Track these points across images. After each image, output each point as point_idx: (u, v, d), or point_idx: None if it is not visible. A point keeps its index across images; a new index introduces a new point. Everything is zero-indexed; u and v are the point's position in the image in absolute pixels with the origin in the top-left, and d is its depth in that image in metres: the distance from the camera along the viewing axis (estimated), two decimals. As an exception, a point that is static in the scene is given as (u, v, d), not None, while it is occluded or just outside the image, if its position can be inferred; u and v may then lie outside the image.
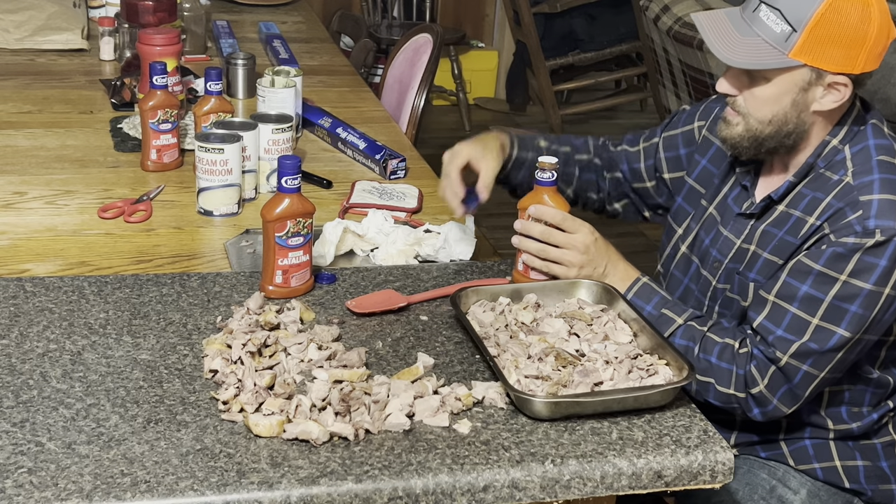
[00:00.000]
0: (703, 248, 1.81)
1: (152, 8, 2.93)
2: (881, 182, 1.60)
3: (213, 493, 1.25)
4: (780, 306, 1.62)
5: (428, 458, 1.33)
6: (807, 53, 1.57)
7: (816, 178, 1.67)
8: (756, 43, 1.59)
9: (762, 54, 1.58)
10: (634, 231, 4.42)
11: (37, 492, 1.22)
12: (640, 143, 1.98)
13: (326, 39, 3.62)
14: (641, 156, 1.97)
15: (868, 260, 1.56)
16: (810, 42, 1.56)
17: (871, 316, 1.58)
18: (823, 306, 1.59)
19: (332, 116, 2.56)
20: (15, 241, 1.94)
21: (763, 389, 1.63)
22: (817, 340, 1.60)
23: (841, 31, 1.56)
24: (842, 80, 1.59)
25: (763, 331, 1.63)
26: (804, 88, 1.61)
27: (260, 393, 1.40)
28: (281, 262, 1.69)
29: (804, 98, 1.62)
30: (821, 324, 1.59)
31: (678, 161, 1.92)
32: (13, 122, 2.55)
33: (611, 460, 1.35)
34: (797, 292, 1.60)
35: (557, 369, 1.49)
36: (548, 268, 1.73)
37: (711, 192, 1.83)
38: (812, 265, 1.59)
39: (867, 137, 1.66)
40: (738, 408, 1.67)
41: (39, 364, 1.48)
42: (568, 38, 5.65)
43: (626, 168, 1.98)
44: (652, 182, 1.97)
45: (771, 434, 1.80)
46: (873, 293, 1.57)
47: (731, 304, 1.76)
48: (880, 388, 1.76)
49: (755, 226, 1.73)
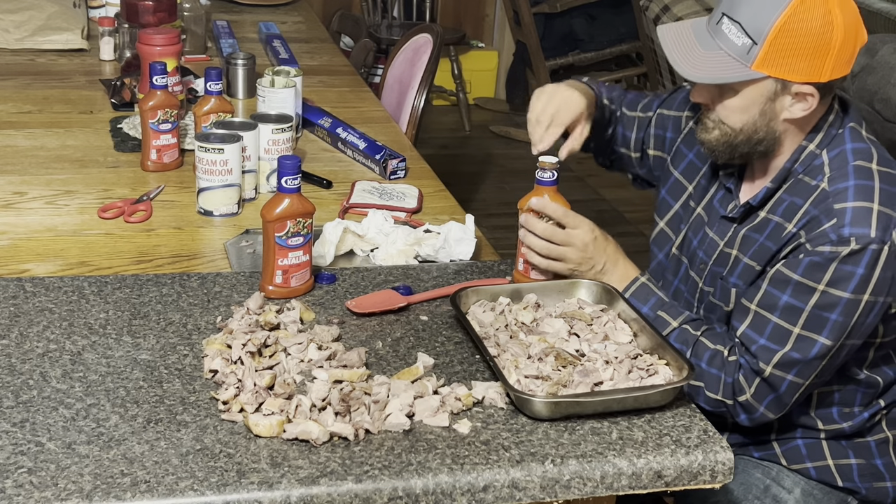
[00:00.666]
0: (692, 250, 1.82)
1: (152, 8, 2.93)
2: (856, 189, 1.59)
3: (213, 493, 1.25)
4: (761, 315, 1.63)
5: (428, 458, 1.33)
6: (769, 65, 1.57)
7: (795, 183, 1.67)
8: (719, 57, 1.59)
9: (725, 68, 1.59)
10: (634, 231, 4.42)
11: (37, 492, 1.22)
12: (637, 110, 1.98)
13: (326, 39, 3.63)
14: (634, 125, 1.98)
15: (845, 269, 1.56)
16: (772, 54, 1.56)
17: (852, 322, 1.59)
18: (804, 316, 1.59)
19: (332, 116, 2.56)
20: (15, 241, 1.94)
21: (749, 398, 1.64)
22: (800, 350, 1.60)
23: (802, 42, 1.55)
24: (808, 90, 1.59)
25: (746, 340, 1.64)
26: (771, 98, 1.61)
27: (260, 393, 1.40)
28: (281, 262, 1.69)
29: (772, 108, 1.62)
30: (802, 333, 1.60)
31: (663, 142, 1.94)
32: (13, 122, 2.55)
33: (611, 460, 1.35)
34: (778, 302, 1.61)
35: (557, 369, 1.49)
36: (549, 265, 1.73)
37: (699, 192, 1.84)
38: (790, 275, 1.60)
39: (844, 141, 1.66)
40: (726, 412, 1.68)
41: (39, 364, 1.48)
42: (568, 38, 5.66)
43: (620, 130, 2.00)
44: (637, 154, 1.99)
45: (763, 434, 1.80)
46: (852, 301, 1.57)
47: (715, 308, 1.77)
48: (870, 388, 1.76)
49: (737, 229, 1.73)
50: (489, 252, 2.00)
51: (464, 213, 2.09)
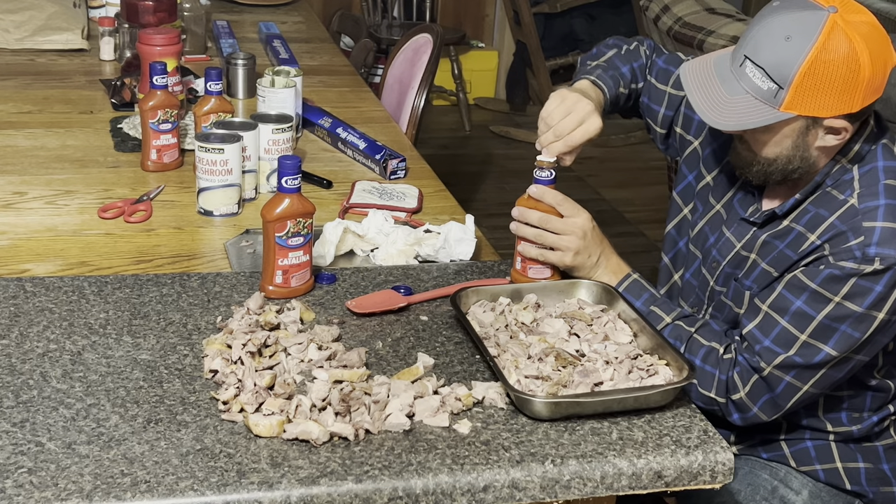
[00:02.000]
0: (707, 246, 1.81)
1: (152, 8, 2.93)
2: (886, 208, 1.58)
3: (213, 493, 1.25)
4: (771, 317, 1.62)
5: (428, 459, 1.33)
6: (798, 106, 1.55)
7: (823, 195, 1.65)
8: (745, 101, 1.57)
9: (752, 112, 1.56)
10: (634, 231, 4.43)
11: (37, 492, 1.22)
12: (668, 85, 1.91)
13: (326, 39, 3.63)
14: (665, 100, 1.92)
15: (864, 284, 1.55)
16: (799, 96, 1.54)
17: (862, 338, 1.58)
18: (814, 324, 1.59)
19: (332, 116, 2.56)
20: (15, 241, 1.94)
21: (743, 396, 1.64)
22: (803, 355, 1.60)
23: (830, 81, 1.52)
24: (840, 124, 1.57)
25: (751, 339, 1.64)
26: (802, 133, 1.59)
27: (260, 393, 1.40)
28: (281, 262, 1.69)
29: (804, 140, 1.60)
30: (809, 340, 1.59)
31: (691, 123, 1.89)
32: (13, 122, 2.55)
33: (611, 460, 1.35)
34: (790, 306, 1.60)
35: (557, 369, 1.49)
36: (543, 255, 1.73)
37: (720, 187, 1.82)
38: (808, 283, 1.59)
39: (876, 158, 1.64)
40: (718, 410, 1.68)
41: (39, 364, 1.48)
42: (568, 38, 5.66)
43: (646, 101, 1.94)
44: (663, 130, 1.94)
45: (771, 434, 1.80)
46: (865, 316, 1.57)
47: (724, 308, 1.77)
48: (881, 393, 1.76)
49: (757, 234, 1.73)
50: (489, 252, 2.00)
51: (464, 213, 2.09)
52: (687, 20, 4.22)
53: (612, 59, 1.91)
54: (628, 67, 1.91)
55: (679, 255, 1.91)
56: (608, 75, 1.86)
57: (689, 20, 4.21)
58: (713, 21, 4.12)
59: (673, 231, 1.93)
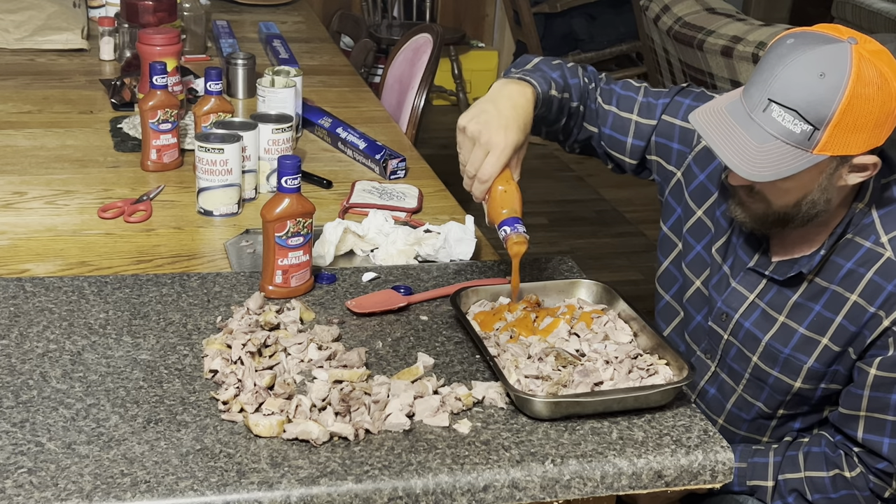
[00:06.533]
0: (710, 295, 1.75)
1: (152, 8, 2.93)
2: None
3: (213, 493, 1.25)
4: (875, 419, 1.60)
5: (428, 458, 1.33)
6: (832, 146, 1.46)
7: (845, 244, 1.60)
8: (776, 148, 1.47)
9: (786, 159, 1.47)
10: (634, 231, 4.42)
11: (37, 492, 1.22)
12: (634, 113, 1.79)
13: (326, 39, 3.63)
14: (630, 130, 1.80)
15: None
16: (836, 135, 1.45)
17: None
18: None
19: (332, 116, 2.56)
20: (15, 241, 1.94)
21: (894, 491, 1.63)
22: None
23: (866, 118, 1.45)
24: (869, 160, 1.51)
25: (872, 445, 1.61)
26: (829, 174, 1.52)
27: (260, 393, 1.40)
28: (281, 262, 1.69)
29: (830, 181, 1.53)
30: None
31: (669, 153, 1.80)
32: (13, 122, 2.55)
33: (611, 460, 1.35)
34: (889, 401, 1.58)
35: (557, 369, 1.49)
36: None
37: (718, 233, 1.74)
38: (891, 375, 1.57)
39: (893, 196, 1.59)
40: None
41: (39, 364, 1.48)
42: (568, 38, 5.66)
43: (608, 132, 1.81)
44: (634, 161, 1.83)
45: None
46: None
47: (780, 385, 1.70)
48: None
49: (785, 293, 1.66)
50: (489, 252, 2.00)
51: (464, 213, 2.09)
52: (687, 20, 4.22)
53: (539, 65, 1.76)
54: (559, 73, 1.74)
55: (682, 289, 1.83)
56: (536, 75, 1.69)
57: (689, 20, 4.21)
58: (713, 21, 4.12)
59: (671, 267, 1.85)
